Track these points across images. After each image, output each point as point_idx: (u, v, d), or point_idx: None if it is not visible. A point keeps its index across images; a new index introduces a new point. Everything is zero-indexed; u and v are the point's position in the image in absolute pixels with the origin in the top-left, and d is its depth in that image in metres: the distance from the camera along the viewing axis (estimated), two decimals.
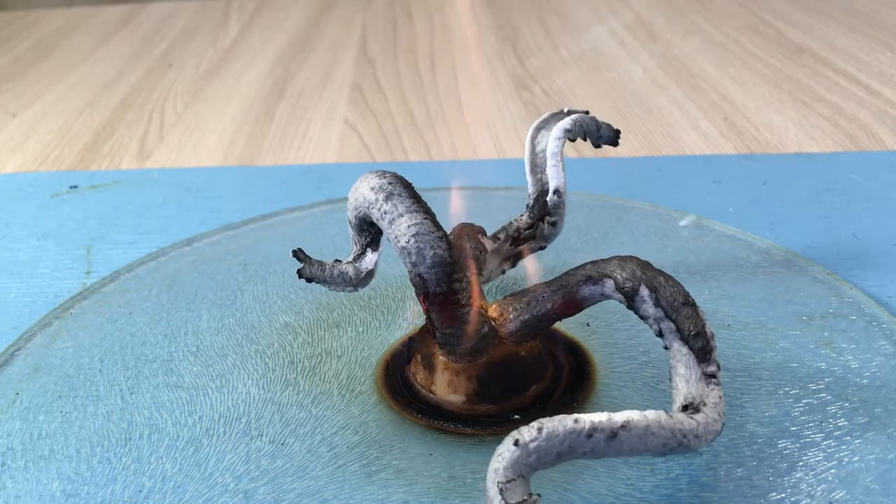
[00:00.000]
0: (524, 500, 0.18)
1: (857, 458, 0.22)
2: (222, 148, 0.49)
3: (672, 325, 0.21)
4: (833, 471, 0.22)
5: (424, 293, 0.22)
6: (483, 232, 0.28)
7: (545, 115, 0.29)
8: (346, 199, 0.39)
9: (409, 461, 0.23)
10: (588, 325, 0.29)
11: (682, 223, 0.35)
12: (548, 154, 0.28)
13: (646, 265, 0.22)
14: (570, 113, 0.28)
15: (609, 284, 0.22)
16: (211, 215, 0.39)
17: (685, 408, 0.21)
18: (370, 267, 0.25)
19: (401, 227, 0.22)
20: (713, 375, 0.21)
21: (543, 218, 0.28)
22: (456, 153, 0.47)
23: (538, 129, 0.29)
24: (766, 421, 0.24)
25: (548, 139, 0.28)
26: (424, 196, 0.23)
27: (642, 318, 0.22)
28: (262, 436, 0.24)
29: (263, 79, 0.61)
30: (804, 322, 0.28)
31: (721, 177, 0.41)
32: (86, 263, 0.36)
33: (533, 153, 0.28)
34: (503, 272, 0.30)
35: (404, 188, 0.23)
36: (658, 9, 0.72)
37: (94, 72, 0.64)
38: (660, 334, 0.21)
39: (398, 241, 0.22)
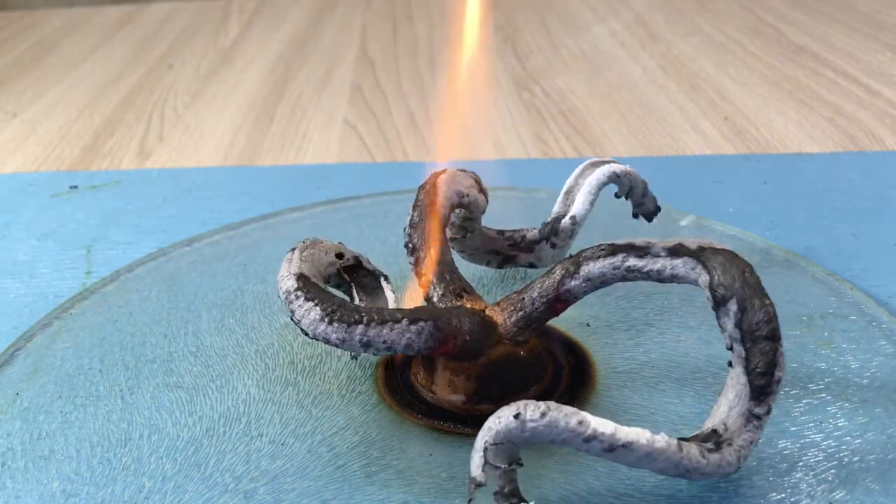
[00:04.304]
0: (502, 467, 0.18)
1: (857, 458, 0.22)
2: (222, 148, 0.49)
3: (742, 352, 0.20)
4: (833, 471, 0.22)
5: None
6: (477, 181, 0.27)
7: (608, 158, 0.29)
8: (346, 199, 0.39)
9: (409, 461, 0.23)
10: (588, 325, 0.29)
11: (682, 223, 0.35)
12: (586, 182, 0.28)
13: (750, 279, 0.20)
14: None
15: (704, 278, 0.21)
16: (211, 215, 0.39)
17: (713, 433, 0.20)
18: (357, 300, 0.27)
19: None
20: (758, 417, 0.20)
21: (549, 238, 0.28)
22: (456, 153, 0.47)
23: (594, 164, 0.29)
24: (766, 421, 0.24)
25: (596, 174, 0.28)
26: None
27: (720, 327, 0.20)
28: (262, 436, 0.24)
29: (263, 79, 0.61)
30: (804, 322, 0.28)
31: (721, 177, 0.41)
32: (86, 263, 0.36)
33: (575, 181, 0.29)
34: (487, 263, 0.30)
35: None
36: (658, 9, 0.72)
37: (94, 72, 0.64)
38: (729, 349, 0.20)
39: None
